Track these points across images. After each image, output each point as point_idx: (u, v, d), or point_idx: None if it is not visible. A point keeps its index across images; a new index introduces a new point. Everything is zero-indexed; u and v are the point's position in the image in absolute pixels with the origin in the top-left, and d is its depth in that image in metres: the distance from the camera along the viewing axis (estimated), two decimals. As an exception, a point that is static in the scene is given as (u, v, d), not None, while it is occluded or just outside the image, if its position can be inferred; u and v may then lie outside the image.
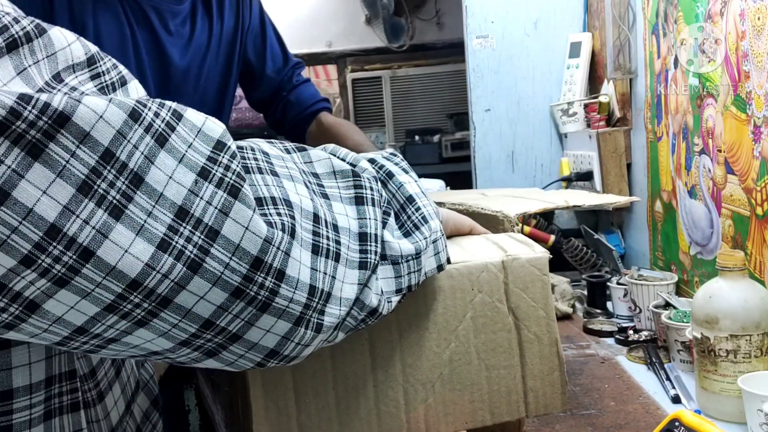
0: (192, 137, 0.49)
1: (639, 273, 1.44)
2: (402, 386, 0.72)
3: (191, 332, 0.50)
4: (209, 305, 0.49)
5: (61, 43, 0.50)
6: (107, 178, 0.45)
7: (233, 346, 0.53)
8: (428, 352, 0.73)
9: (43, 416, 0.56)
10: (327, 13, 4.35)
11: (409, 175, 0.69)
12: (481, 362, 0.74)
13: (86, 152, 0.44)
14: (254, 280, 0.50)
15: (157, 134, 0.47)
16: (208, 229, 0.48)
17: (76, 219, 0.44)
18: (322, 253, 0.55)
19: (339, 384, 0.71)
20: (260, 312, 0.51)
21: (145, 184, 0.46)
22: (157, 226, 0.46)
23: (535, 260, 0.75)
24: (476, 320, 0.74)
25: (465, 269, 0.74)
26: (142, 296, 0.47)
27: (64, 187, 0.43)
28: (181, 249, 0.47)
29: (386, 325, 0.71)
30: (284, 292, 0.52)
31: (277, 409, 0.70)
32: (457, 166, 3.69)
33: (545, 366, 0.75)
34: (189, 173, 0.48)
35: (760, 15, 1.12)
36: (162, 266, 0.46)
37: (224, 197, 0.48)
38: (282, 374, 0.69)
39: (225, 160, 0.49)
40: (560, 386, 0.76)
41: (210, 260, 0.48)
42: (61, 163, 0.43)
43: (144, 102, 0.47)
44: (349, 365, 0.71)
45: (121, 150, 0.45)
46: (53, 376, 0.57)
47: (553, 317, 0.75)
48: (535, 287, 0.75)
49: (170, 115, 0.48)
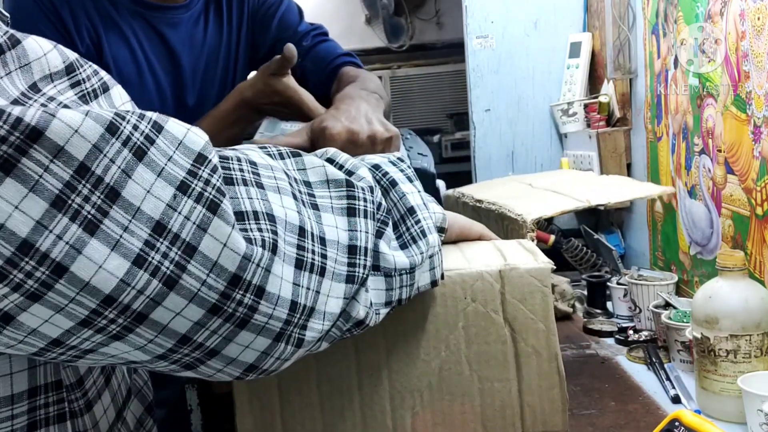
0: (172, 150, 0.48)
1: (639, 273, 1.44)
2: (388, 392, 0.71)
3: (168, 347, 0.50)
4: (186, 321, 0.49)
5: (36, 53, 0.49)
6: (82, 193, 0.44)
7: (211, 361, 0.52)
8: (416, 359, 0.71)
9: (27, 427, 0.56)
10: (327, 13, 4.35)
11: (413, 184, 0.67)
12: (473, 373, 0.71)
13: (60, 167, 0.43)
14: (232, 297, 0.49)
15: (135, 147, 0.46)
16: (186, 245, 0.47)
17: (49, 234, 0.43)
18: (306, 268, 0.54)
19: (323, 384, 0.70)
20: (238, 328, 0.50)
21: (122, 199, 0.45)
22: (133, 241, 0.45)
23: (535, 271, 0.71)
24: (468, 330, 0.71)
25: (458, 277, 0.71)
26: (116, 312, 0.46)
27: (37, 202, 0.43)
28: (157, 265, 0.46)
29: (372, 330, 0.69)
30: (264, 309, 0.51)
31: (261, 404, 0.69)
32: (457, 166, 3.68)
33: (544, 382, 0.72)
34: (168, 187, 0.47)
35: (760, 15, 1.12)
36: (137, 282, 0.46)
37: (203, 212, 0.47)
38: None
39: (205, 174, 0.48)
40: (560, 403, 0.72)
41: (187, 277, 0.47)
42: (33, 178, 0.43)
43: (122, 114, 0.47)
44: (334, 367, 0.70)
45: (96, 164, 0.44)
46: (38, 387, 0.56)
47: (554, 331, 0.72)
48: (534, 299, 0.71)
49: (150, 127, 0.47)
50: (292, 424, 0.69)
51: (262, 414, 0.69)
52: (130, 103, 0.56)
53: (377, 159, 0.69)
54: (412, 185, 0.67)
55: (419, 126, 4.48)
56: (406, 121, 4.55)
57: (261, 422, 0.69)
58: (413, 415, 0.71)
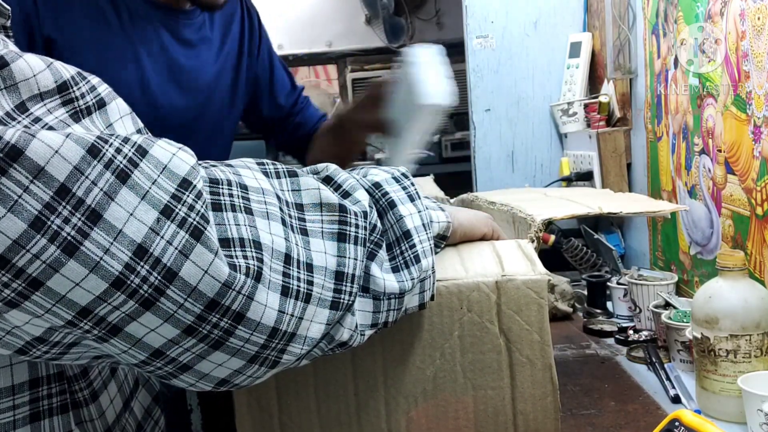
0: (156, 174, 0.48)
1: (639, 273, 1.44)
2: (383, 397, 0.71)
3: (141, 359, 0.51)
4: (160, 337, 0.49)
5: (25, 74, 0.50)
6: (62, 214, 0.44)
7: (184, 375, 0.53)
8: (411, 367, 0.71)
9: (30, 418, 0.57)
10: (327, 13, 4.35)
11: (414, 204, 0.66)
12: (467, 381, 0.72)
13: (40, 187, 0.44)
14: (208, 320, 0.49)
15: (119, 170, 0.46)
16: (166, 270, 0.47)
17: (26, 253, 0.44)
18: (292, 295, 0.54)
19: (320, 388, 0.71)
20: (212, 349, 0.51)
21: (103, 221, 0.45)
22: (113, 263, 0.46)
23: (532, 282, 0.72)
24: (464, 339, 0.71)
25: (455, 288, 0.71)
26: (92, 323, 0.47)
27: (15, 223, 0.43)
28: (136, 288, 0.46)
29: (369, 338, 0.69)
30: (241, 333, 0.51)
31: (260, 407, 0.70)
32: (457, 166, 3.68)
33: (537, 390, 0.72)
34: (151, 210, 0.47)
35: (760, 15, 1.12)
36: (114, 300, 0.46)
37: (186, 238, 0.47)
38: None
39: (190, 199, 0.48)
40: (553, 412, 0.73)
41: (164, 300, 0.47)
42: (12, 198, 0.43)
43: (105, 138, 0.47)
44: (331, 372, 0.71)
45: (77, 186, 0.45)
46: (39, 378, 0.57)
47: (548, 342, 0.72)
48: (530, 310, 0.72)
49: (133, 151, 0.47)
50: (290, 427, 0.70)
51: (261, 416, 0.70)
52: (130, 116, 0.56)
53: (380, 176, 0.67)
54: (413, 205, 0.66)
55: (419, 126, 4.47)
56: (406, 121, 4.55)
57: (260, 425, 0.70)
58: (408, 419, 0.72)
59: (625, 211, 1.19)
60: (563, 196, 1.37)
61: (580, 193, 1.47)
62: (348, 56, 4.52)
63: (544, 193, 1.45)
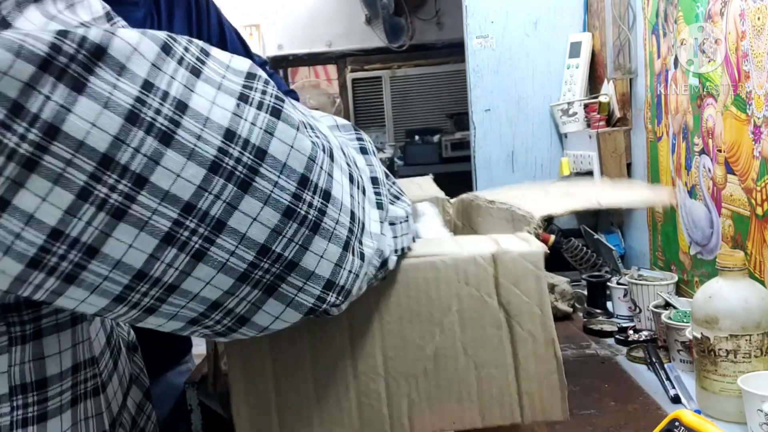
0: (223, 70, 0.50)
1: (639, 273, 1.44)
2: (383, 378, 0.70)
3: (249, 260, 0.50)
4: (263, 228, 0.50)
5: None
6: (152, 106, 0.45)
7: (291, 276, 0.53)
8: (410, 344, 0.70)
9: (71, 402, 0.58)
10: (327, 13, 4.35)
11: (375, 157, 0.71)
12: (468, 359, 0.70)
13: (127, 83, 0.45)
14: (303, 198, 0.51)
15: (191, 67, 0.48)
16: (256, 150, 0.49)
17: (127, 148, 0.44)
18: (355, 183, 0.57)
19: (318, 372, 0.69)
20: (312, 233, 0.52)
21: (190, 109, 0.47)
22: (207, 148, 0.47)
23: (528, 254, 0.71)
24: (462, 314, 0.70)
25: (451, 261, 0.71)
26: (197, 220, 0.47)
27: (112, 118, 0.44)
28: (232, 170, 0.48)
29: (366, 314, 0.69)
30: (331, 213, 0.53)
31: (257, 392, 0.69)
32: (457, 166, 3.69)
33: (542, 368, 0.70)
34: (230, 98, 0.49)
35: (760, 15, 1.12)
36: (213, 187, 0.47)
37: (267, 118, 0.50)
38: (262, 358, 0.69)
39: (260, 85, 0.51)
40: (559, 391, 0.71)
41: (259, 179, 0.49)
42: (105, 96, 0.44)
43: (174, 37, 0.49)
44: (328, 355, 0.70)
45: (160, 80, 0.46)
46: (79, 363, 0.59)
47: (549, 315, 0.71)
48: (528, 282, 0.70)
49: (199, 51, 0.50)
50: (288, 413, 0.69)
51: (258, 402, 0.69)
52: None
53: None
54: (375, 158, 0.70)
55: (419, 126, 4.49)
56: (406, 121, 4.56)
57: (256, 410, 0.69)
58: (409, 401, 0.70)
59: (623, 202, 1.19)
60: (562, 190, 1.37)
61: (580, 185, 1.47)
62: (348, 56, 4.52)
63: (543, 188, 1.45)
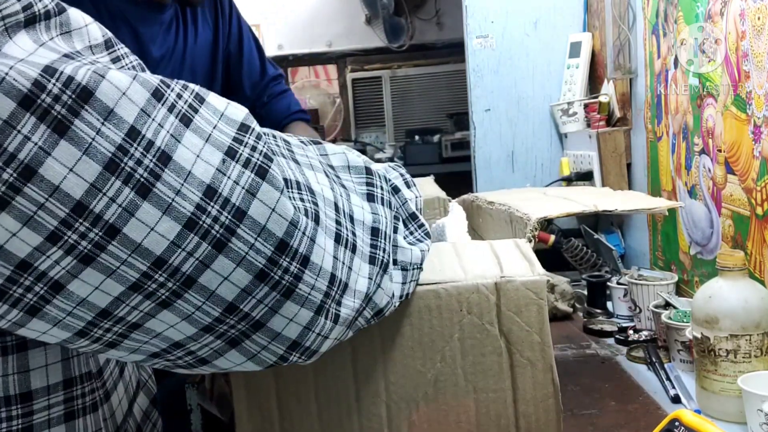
0: (215, 119, 0.49)
1: (639, 273, 1.44)
2: (385, 402, 0.71)
3: (215, 316, 0.50)
4: (233, 287, 0.49)
5: (78, 23, 0.50)
6: (134, 156, 0.45)
7: (256, 335, 0.52)
8: (412, 371, 0.71)
9: (64, 417, 0.57)
10: (327, 13, 4.35)
11: (412, 190, 0.69)
12: (468, 384, 0.72)
13: (112, 129, 0.44)
14: (279, 263, 0.50)
15: (181, 114, 0.47)
16: (236, 209, 0.48)
17: (102, 197, 0.44)
18: (343, 243, 0.55)
19: (321, 394, 0.70)
20: (284, 298, 0.51)
21: (173, 162, 0.46)
22: (185, 204, 0.46)
23: (531, 283, 0.71)
24: (464, 341, 0.71)
25: (454, 290, 0.71)
26: (166, 275, 0.47)
27: (91, 165, 0.43)
28: (208, 228, 0.47)
29: (369, 341, 0.70)
30: (307, 279, 0.52)
31: (261, 413, 0.70)
32: (457, 166, 3.68)
33: (539, 392, 0.72)
34: (216, 152, 0.48)
35: (760, 15, 1.12)
36: (187, 244, 0.46)
37: (252, 177, 0.48)
38: (265, 379, 0.69)
39: (251, 140, 0.50)
40: (555, 413, 0.73)
41: (235, 240, 0.48)
42: (87, 141, 0.43)
43: (167, 82, 0.48)
44: (331, 377, 0.71)
45: (147, 128, 0.45)
46: (73, 378, 0.58)
47: (548, 343, 0.72)
48: (529, 311, 0.71)
49: (192, 97, 0.49)
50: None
51: (261, 423, 0.70)
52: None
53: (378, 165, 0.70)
54: (411, 192, 0.69)
55: (419, 126, 4.48)
56: (406, 121, 4.55)
57: (260, 430, 0.70)
58: (409, 424, 0.71)
59: (620, 209, 1.19)
60: (562, 194, 1.37)
61: (579, 191, 1.48)
62: (348, 56, 4.52)
63: (543, 192, 1.46)
